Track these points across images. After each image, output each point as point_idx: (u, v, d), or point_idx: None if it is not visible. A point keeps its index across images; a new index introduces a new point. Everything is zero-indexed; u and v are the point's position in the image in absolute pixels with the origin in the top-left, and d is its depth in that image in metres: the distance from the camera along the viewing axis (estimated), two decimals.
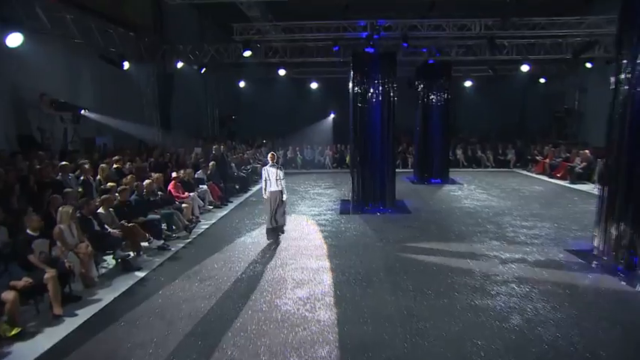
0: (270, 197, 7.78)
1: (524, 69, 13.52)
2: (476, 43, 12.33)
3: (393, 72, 9.97)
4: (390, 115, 10.18)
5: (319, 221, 9.47)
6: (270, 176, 7.78)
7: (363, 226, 9.00)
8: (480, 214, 9.79)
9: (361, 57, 9.94)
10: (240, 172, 13.97)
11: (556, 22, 9.86)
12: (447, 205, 10.86)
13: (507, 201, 11.13)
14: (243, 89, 20.32)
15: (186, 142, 14.51)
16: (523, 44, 12.00)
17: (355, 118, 10.17)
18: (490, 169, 17.49)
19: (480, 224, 8.83)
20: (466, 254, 6.94)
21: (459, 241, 7.68)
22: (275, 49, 13.32)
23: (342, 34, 10.67)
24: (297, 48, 13.32)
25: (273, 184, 7.77)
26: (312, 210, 10.65)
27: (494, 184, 13.81)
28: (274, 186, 7.77)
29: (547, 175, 14.82)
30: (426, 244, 7.57)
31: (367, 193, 10.53)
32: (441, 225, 8.86)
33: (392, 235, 8.22)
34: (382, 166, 10.38)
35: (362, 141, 10.18)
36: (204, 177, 11.23)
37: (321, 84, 20.15)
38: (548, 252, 6.95)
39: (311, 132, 21.30)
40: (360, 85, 10.00)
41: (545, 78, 17.24)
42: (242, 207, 11.20)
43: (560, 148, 15.49)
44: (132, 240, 6.67)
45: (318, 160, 19.21)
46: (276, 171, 7.80)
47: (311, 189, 13.79)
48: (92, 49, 10.19)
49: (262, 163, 16.83)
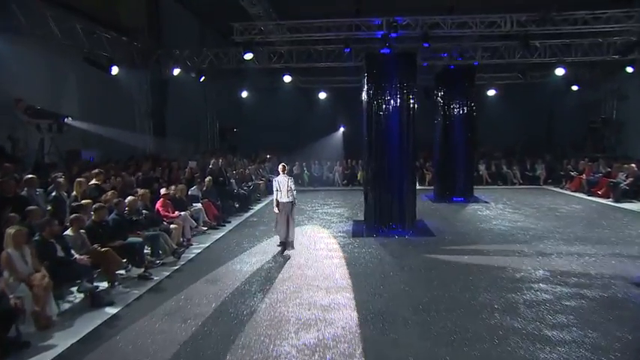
0: (281, 209, 7.97)
1: (559, 72, 12.69)
2: (504, 44, 11.55)
3: (412, 75, 9.21)
4: (410, 125, 9.36)
5: (329, 245, 8.56)
6: (281, 187, 7.96)
7: (379, 251, 8.06)
8: (516, 237, 8.81)
9: (376, 58, 9.23)
10: (241, 189, 13.18)
11: (600, 17, 9.05)
12: (475, 227, 9.90)
13: (544, 222, 10.12)
14: (246, 99, 19.74)
15: (182, 155, 13.84)
16: (557, 45, 11.20)
17: (370, 128, 9.37)
18: (517, 186, 16.50)
19: (517, 250, 7.85)
20: (508, 287, 5.96)
21: (498, 271, 6.69)
22: (279, 54, 12.72)
23: (354, 34, 9.99)
24: (303, 52, 12.70)
25: (284, 195, 7.95)
26: (321, 232, 9.75)
27: (526, 203, 12.81)
28: (285, 197, 7.95)
29: (585, 193, 13.78)
30: (458, 275, 6.59)
31: (383, 213, 9.62)
32: (472, 250, 7.89)
33: (415, 262, 7.27)
34: (401, 183, 9.50)
35: (377, 155, 9.35)
36: (199, 194, 10.44)
37: (330, 94, 19.50)
38: (610, 286, 5.93)
39: (319, 146, 20.57)
40: (374, 91, 9.24)
41: (578, 85, 16.35)
42: (241, 228, 10.35)
43: (599, 163, 14.46)
44: (105, 268, 5.82)
45: (327, 177, 18.41)
46: (287, 182, 7.98)
47: (319, 208, 12.93)
48: (78, 51, 9.62)
49: (266, 179, 16.19)
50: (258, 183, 15.18)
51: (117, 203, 6.95)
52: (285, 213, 7.89)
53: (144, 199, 8.13)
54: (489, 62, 12.02)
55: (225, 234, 9.74)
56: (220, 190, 11.24)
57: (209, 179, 10.95)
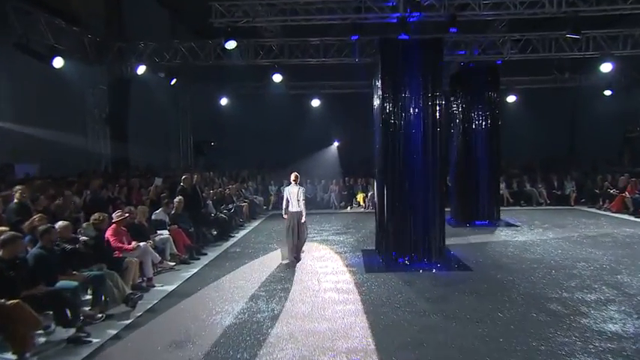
0: (289, 218, 8.36)
1: (606, 69, 11.61)
2: (540, 36, 10.43)
3: (439, 70, 7.91)
4: (436, 133, 7.99)
5: (338, 284, 6.98)
6: (291, 196, 8.41)
7: (406, 291, 6.52)
8: (576, 270, 7.39)
9: (394, 46, 7.89)
10: (220, 213, 11.55)
11: None
12: (517, 257, 8.46)
13: (603, 250, 8.75)
14: (226, 108, 18.23)
15: (146, 171, 12.20)
16: (602, 36, 10.15)
17: (385, 138, 7.97)
18: (545, 206, 15.27)
19: (588, 287, 6.43)
20: (612, 349, 4.46)
21: (575, 320, 5.21)
22: (268, 48, 11.37)
23: (362, 18, 8.71)
24: (297, 46, 11.38)
25: (294, 204, 8.35)
26: (325, 266, 8.17)
27: (564, 227, 11.50)
28: (295, 207, 8.33)
29: (632, 214, 12.56)
30: (529, 328, 5.06)
31: (404, 242, 8.14)
32: (528, 290, 6.42)
33: (460, 308, 5.75)
34: (425, 205, 8.07)
35: (396, 171, 7.94)
36: (166, 218, 8.78)
37: (324, 101, 18.16)
38: None
39: (312, 163, 19.13)
40: (392, 90, 7.90)
41: (612, 90, 15.43)
42: (221, 262, 8.70)
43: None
44: (12, 331, 4.11)
45: (321, 198, 16.90)
46: (297, 191, 8.35)
47: (317, 235, 11.37)
48: (7, 35, 8.07)
49: (249, 201, 14.59)
50: (241, 205, 13.59)
51: (43, 232, 5.26)
52: (295, 222, 8.30)
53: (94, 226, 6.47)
54: (519, 58, 10.89)
55: (200, 270, 8.07)
56: (194, 214, 9.60)
57: (179, 200, 9.30)
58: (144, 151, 13.70)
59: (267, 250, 9.65)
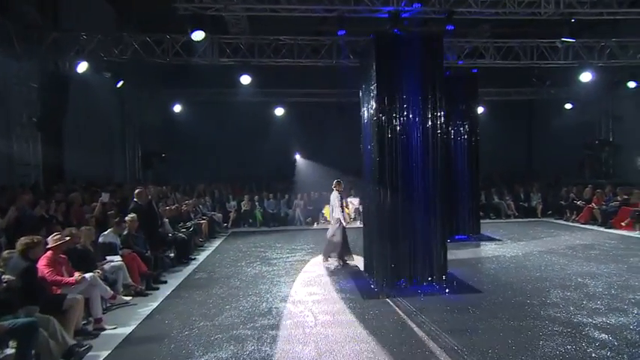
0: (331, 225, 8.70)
1: (586, 78, 11.55)
2: (522, 43, 10.08)
3: (440, 69, 7.12)
4: (437, 141, 7.17)
5: (337, 316, 5.82)
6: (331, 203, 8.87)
7: (421, 322, 5.47)
8: (590, 288, 6.75)
9: (391, 41, 6.99)
10: (178, 232, 9.96)
11: None
12: (520, 275, 7.74)
13: (597, 263, 8.29)
14: (179, 116, 16.51)
15: (88, 184, 10.37)
16: (580, 45, 9.99)
17: (381, 148, 7.00)
18: (513, 219, 15.05)
19: (617, 309, 5.73)
20: None
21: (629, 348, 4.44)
22: (235, 47, 10.10)
23: (352, 9, 7.73)
24: (268, 46, 10.21)
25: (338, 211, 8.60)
26: (313, 293, 6.97)
27: (544, 239, 11.15)
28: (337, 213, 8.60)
29: (602, 226, 12.52)
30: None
31: (402, 263, 7.13)
32: (557, 315, 5.62)
33: (493, 339, 4.78)
34: (426, 221, 7.15)
35: (393, 183, 6.98)
36: (117, 241, 7.16)
37: (289, 110, 16.99)
38: None
39: (275, 176, 17.88)
40: (387, 92, 6.96)
41: (572, 103, 15.72)
42: (185, 292, 7.20)
43: (606, 190, 13.46)
44: None
45: (285, 214, 15.61)
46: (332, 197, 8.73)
47: (289, 255, 10.14)
48: None
49: (208, 218, 13.02)
50: (199, 223, 12.00)
51: None
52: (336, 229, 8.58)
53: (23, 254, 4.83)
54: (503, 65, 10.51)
55: (163, 304, 6.55)
56: (150, 235, 8.01)
57: (132, 218, 7.70)
58: (83, 162, 11.76)
59: (238, 275, 8.27)
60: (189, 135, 16.44)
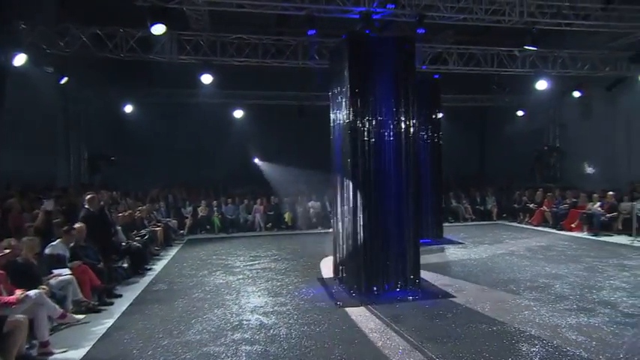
0: None
1: (542, 86, 12.07)
2: (484, 50, 10.34)
3: (413, 74, 7.08)
4: (411, 144, 7.12)
5: (313, 327, 5.51)
6: None
7: (400, 331, 5.30)
8: (557, 289, 6.91)
9: (363, 42, 6.85)
10: (132, 241, 9.25)
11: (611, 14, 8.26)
12: (489, 278, 7.78)
13: (558, 264, 8.58)
14: (131, 117, 15.51)
15: (26, 189, 9.42)
16: (536, 55, 10.43)
17: (354, 150, 6.84)
18: (471, 222, 15.47)
19: (586, 309, 5.87)
20: None
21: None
22: (196, 44, 9.56)
23: (323, 8, 7.50)
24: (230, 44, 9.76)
25: None
26: (284, 303, 6.61)
27: (504, 242, 11.46)
28: None
29: (553, 227, 13.12)
30: None
31: (374, 269, 6.97)
32: (532, 318, 5.66)
33: (475, 345, 4.69)
34: (399, 224, 7.06)
35: (368, 187, 6.83)
36: (66, 252, 6.46)
37: (248, 112, 16.45)
38: None
39: (233, 180, 17.26)
40: (361, 96, 6.82)
41: (524, 110, 16.46)
42: (144, 306, 6.61)
43: (556, 193, 14.17)
44: None
45: (245, 220, 15.10)
46: None
47: (253, 263, 9.72)
48: None
49: (163, 225, 12.26)
50: (155, 230, 11.27)
51: None
52: None
53: None
54: (464, 72, 10.73)
55: (120, 321, 5.95)
56: (103, 245, 7.32)
57: (81, 227, 7.00)
58: (20, 164, 10.72)
59: (201, 285, 7.76)
60: (141, 137, 15.49)
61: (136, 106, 15.17)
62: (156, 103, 15.17)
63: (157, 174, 16.14)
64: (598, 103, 14.28)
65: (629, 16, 8.63)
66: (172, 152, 16.24)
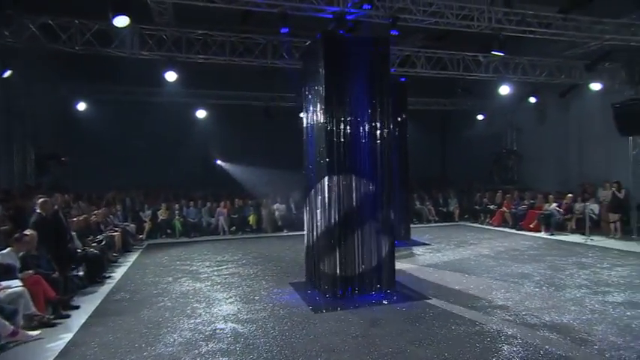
0: None
1: (504, 91, 12.49)
2: (451, 55, 10.55)
3: (387, 75, 7.07)
4: (386, 145, 7.11)
5: (288, 333, 5.31)
6: None
7: (380, 335, 5.22)
8: (527, 289, 7.09)
9: (338, 43, 6.75)
10: (89, 247, 8.65)
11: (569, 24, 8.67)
12: (460, 280, 7.86)
13: (523, 264, 8.86)
14: (84, 115, 14.57)
15: None
16: (497, 61, 10.78)
17: (330, 151, 6.72)
18: (434, 223, 15.79)
19: (559, 307, 6.05)
20: None
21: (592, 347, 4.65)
22: (158, 39, 9.08)
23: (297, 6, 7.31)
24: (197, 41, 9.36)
25: None
26: (258, 310, 6.36)
27: (469, 243, 11.70)
28: None
29: (513, 228, 13.62)
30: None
31: (349, 272, 6.88)
32: (504, 316, 5.75)
33: (459, 346, 4.68)
34: (374, 228, 7.01)
35: (340, 188, 6.73)
36: (16, 262, 5.88)
37: (211, 112, 15.91)
38: None
39: (193, 182, 16.66)
40: (336, 96, 6.73)
41: (484, 114, 17.04)
42: (106, 318, 6.15)
43: (514, 195, 14.75)
44: None
45: (208, 223, 14.61)
46: None
47: (220, 268, 9.37)
48: None
49: (122, 229, 11.59)
50: (112, 235, 10.62)
51: None
52: None
53: None
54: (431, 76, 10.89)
55: (78, 336, 5.48)
56: (58, 252, 6.75)
57: (32, 236, 6.41)
58: None
59: (167, 293, 7.34)
60: (95, 136, 14.62)
61: (91, 104, 14.29)
62: (112, 101, 14.35)
63: (112, 176, 15.31)
64: (552, 109, 15.02)
65: (585, 27, 9.10)
66: (130, 153, 15.44)
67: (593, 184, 13.26)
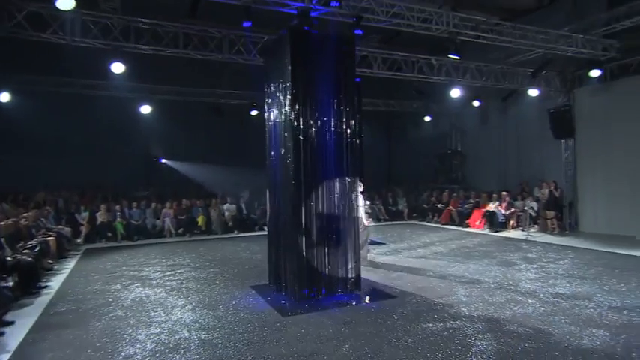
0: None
1: (455, 94, 12.96)
2: (406, 57, 10.74)
3: (353, 73, 7.06)
4: (355, 144, 7.13)
5: (259, 339, 5.09)
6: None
7: (355, 334, 5.16)
8: (485, 284, 7.39)
9: (305, 39, 6.62)
10: (20, 255, 7.78)
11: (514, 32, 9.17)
12: (421, 277, 8.02)
13: (475, 260, 9.25)
14: (7, 106, 13.09)
15: None
16: (451, 64, 11.19)
17: (297, 150, 6.57)
18: (384, 222, 16.11)
19: (515, 300, 6.35)
20: None
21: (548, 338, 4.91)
22: (103, 26, 8.36)
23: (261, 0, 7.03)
24: (146, 31, 8.75)
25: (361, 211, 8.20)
26: (220, 316, 6.05)
27: (421, 241, 12.02)
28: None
29: (459, 226, 14.24)
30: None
31: (317, 273, 6.78)
32: (477, 313, 5.93)
33: (439, 348, 4.75)
34: (341, 228, 6.96)
35: (307, 189, 6.61)
36: None
37: (157, 108, 15.00)
38: None
39: (134, 182, 15.68)
40: (303, 91, 6.59)
41: (430, 116, 17.67)
42: (49, 332, 5.55)
43: (460, 194, 15.44)
44: None
45: (153, 225, 13.81)
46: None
47: (172, 273, 8.86)
48: None
49: (56, 233, 10.59)
50: (46, 240, 9.66)
51: None
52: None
53: None
54: (386, 76, 11.03)
55: (16, 355, 4.88)
56: None
57: None
58: None
59: (117, 302, 6.80)
60: (21, 131, 13.28)
61: (16, 95, 12.90)
62: (45, 93, 13.04)
63: (41, 175, 14.04)
64: (493, 112, 15.92)
65: (530, 36, 9.71)
66: (63, 150, 14.19)
67: (529, 183, 14.22)
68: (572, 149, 12.97)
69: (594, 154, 12.44)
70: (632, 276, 7.60)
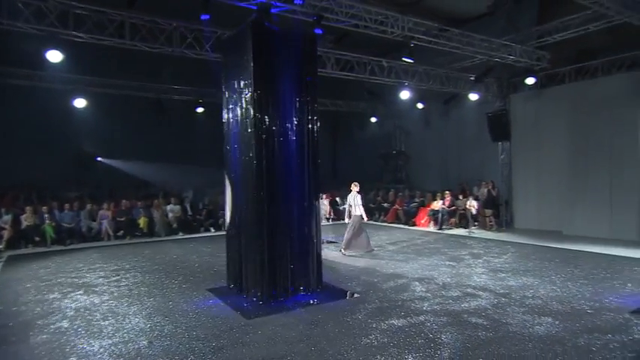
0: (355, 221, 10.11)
1: (405, 95, 13.32)
2: (358, 58, 10.89)
3: (315, 72, 7.07)
4: (315, 142, 7.11)
5: (226, 345, 4.95)
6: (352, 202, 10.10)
7: (326, 334, 5.18)
8: (439, 281, 7.70)
9: (267, 35, 6.50)
10: None
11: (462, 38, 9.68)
12: (377, 275, 8.18)
13: (427, 257, 9.62)
14: None
15: None
16: (400, 67, 11.56)
17: (259, 149, 6.45)
18: (332, 222, 16.30)
19: (470, 294, 6.71)
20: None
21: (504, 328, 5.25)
22: (38, 10, 7.61)
23: None
24: (88, 17, 8.10)
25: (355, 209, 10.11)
26: (181, 322, 5.77)
27: (372, 239, 12.09)
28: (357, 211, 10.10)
29: (406, 224, 14.75)
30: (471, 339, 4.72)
31: (278, 271, 6.70)
32: (430, 307, 6.18)
33: (410, 343, 4.89)
34: (303, 227, 6.95)
35: (268, 189, 6.52)
36: None
37: (93, 102, 13.92)
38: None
39: (64, 182, 14.50)
40: (264, 89, 6.48)
41: (377, 117, 18.11)
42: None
43: (405, 194, 16.01)
44: None
45: (89, 228, 12.87)
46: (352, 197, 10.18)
47: (118, 278, 8.34)
48: None
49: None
50: None
51: None
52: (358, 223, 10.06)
53: None
54: (339, 77, 11.12)
55: None
56: None
57: None
58: None
59: (59, 312, 6.26)
60: None
61: None
62: None
63: None
64: (435, 115, 16.71)
65: (476, 43, 10.31)
66: None
67: (469, 182, 15.11)
68: (508, 151, 13.98)
69: (527, 156, 13.49)
70: (565, 267, 8.34)
